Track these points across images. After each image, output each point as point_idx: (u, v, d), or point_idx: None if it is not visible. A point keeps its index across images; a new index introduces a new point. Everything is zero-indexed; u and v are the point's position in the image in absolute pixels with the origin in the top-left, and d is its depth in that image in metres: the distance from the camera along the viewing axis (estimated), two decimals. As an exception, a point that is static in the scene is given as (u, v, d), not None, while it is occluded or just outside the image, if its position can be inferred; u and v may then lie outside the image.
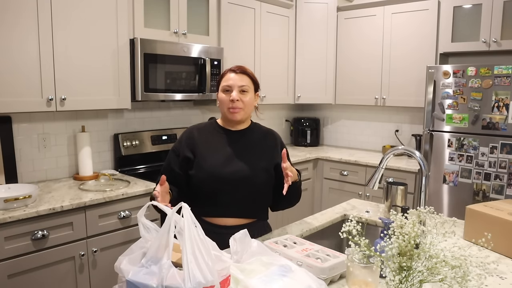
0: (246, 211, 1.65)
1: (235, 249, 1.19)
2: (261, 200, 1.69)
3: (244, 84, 1.62)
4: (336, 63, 3.93)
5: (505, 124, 2.73)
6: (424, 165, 1.52)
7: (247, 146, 1.67)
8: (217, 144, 1.66)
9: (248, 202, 1.64)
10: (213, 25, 3.13)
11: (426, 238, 1.03)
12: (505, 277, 1.29)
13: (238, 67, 1.65)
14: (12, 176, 2.36)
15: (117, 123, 2.91)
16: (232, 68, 1.66)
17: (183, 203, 1.01)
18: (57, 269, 2.05)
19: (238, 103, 1.60)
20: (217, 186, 1.60)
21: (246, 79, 1.63)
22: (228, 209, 1.62)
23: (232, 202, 1.62)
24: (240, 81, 1.61)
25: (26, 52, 2.12)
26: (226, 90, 1.62)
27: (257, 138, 1.72)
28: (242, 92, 1.61)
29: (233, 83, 1.61)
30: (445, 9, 3.20)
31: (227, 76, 1.64)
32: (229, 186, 1.60)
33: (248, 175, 1.61)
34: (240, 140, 1.68)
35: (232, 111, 1.61)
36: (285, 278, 1.11)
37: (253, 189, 1.63)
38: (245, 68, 1.67)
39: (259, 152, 1.68)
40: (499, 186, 2.76)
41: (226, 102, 1.61)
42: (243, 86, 1.61)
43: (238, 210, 1.63)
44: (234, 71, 1.64)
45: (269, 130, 1.81)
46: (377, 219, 1.86)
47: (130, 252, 1.05)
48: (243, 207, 1.64)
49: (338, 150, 4.05)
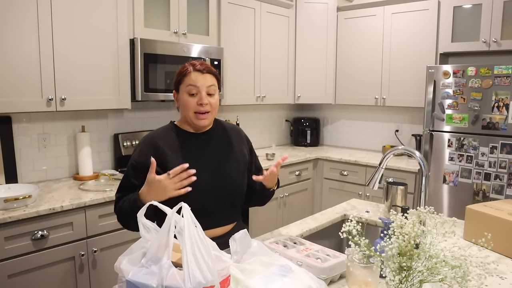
0: (229, 217, 1.56)
1: (235, 249, 1.19)
2: (239, 203, 1.60)
3: (212, 83, 1.46)
4: (336, 63, 3.93)
5: (505, 124, 2.73)
6: (424, 165, 1.51)
7: (218, 150, 1.55)
8: (185, 151, 1.49)
9: (229, 209, 1.55)
10: (213, 25, 3.12)
11: (426, 238, 1.03)
12: (505, 277, 1.29)
13: (202, 65, 1.47)
14: (12, 176, 2.36)
15: (117, 123, 2.91)
16: (195, 65, 1.47)
17: (183, 203, 1.01)
18: (57, 269, 2.05)
19: (207, 107, 1.45)
20: (198, 199, 1.43)
21: (212, 79, 1.47)
22: (214, 220, 1.51)
23: (216, 211, 1.50)
24: (207, 82, 1.45)
25: (26, 52, 2.12)
26: (192, 93, 1.44)
27: (224, 137, 1.59)
28: (210, 94, 1.46)
29: (201, 84, 1.44)
30: (445, 9, 3.20)
31: (192, 76, 1.44)
32: (210, 196, 1.47)
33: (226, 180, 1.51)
34: (208, 143, 1.54)
35: (201, 116, 1.46)
36: (285, 278, 1.11)
37: (233, 194, 1.54)
38: (210, 66, 1.50)
39: (230, 152, 1.57)
40: (499, 186, 2.76)
41: (192, 106, 1.44)
42: (210, 86, 1.46)
43: (223, 218, 1.54)
44: (200, 70, 1.45)
45: (233, 126, 1.68)
46: (377, 219, 1.86)
47: (130, 252, 1.05)
48: (227, 214, 1.54)
49: (338, 150, 4.05)
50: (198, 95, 1.44)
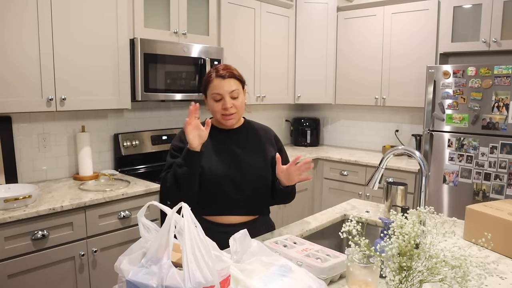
0: (248, 208, 1.67)
1: (235, 249, 1.19)
2: (262, 196, 1.71)
3: (234, 88, 1.58)
4: (336, 63, 3.93)
5: (505, 124, 2.73)
6: (424, 165, 1.51)
7: (244, 144, 1.68)
8: (215, 143, 1.66)
9: (250, 200, 1.65)
10: (213, 25, 3.13)
11: (426, 238, 1.03)
12: (505, 277, 1.29)
13: (225, 69, 1.59)
14: (12, 176, 2.36)
15: (117, 123, 2.91)
16: (218, 71, 1.59)
17: (183, 203, 1.01)
18: (57, 269, 2.05)
19: (231, 109, 1.58)
20: (219, 186, 1.60)
21: (235, 83, 1.59)
22: (232, 208, 1.64)
23: (235, 200, 1.63)
24: (230, 87, 1.57)
25: (26, 52, 2.12)
26: (217, 100, 1.58)
27: (251, 135, 1.73)
28: (233, 98, 1.58)
29: (223, 91, 1.56)
30: (445, 9, 3.20)
31: (215, 82, 1.57)
32: (231, 185, 1.61)
33: (251, 175, 1.63)
34: (237, 138, 1.69)
35: (227, 118, 1.60)
36: (285, 278, 1.11)
37: (254, 187, 1.65)
38: (232, 69, 1.61)
39: (256, 149, 1.69)
40: (499, 186, 2.76)
41: (218, 110, 1.59)
42: (233, 91, 1.57)
43: (241, 208, 1.65)
44: (222, 76, 1.57)
45: (262, 126, 1.81)
46: (377, 219, 1.86)
47: (130, 252, 1.05)
48: (245, 205, 1.65)
49: (338, 150, 4.05)
50: (222, 101, 1.57)
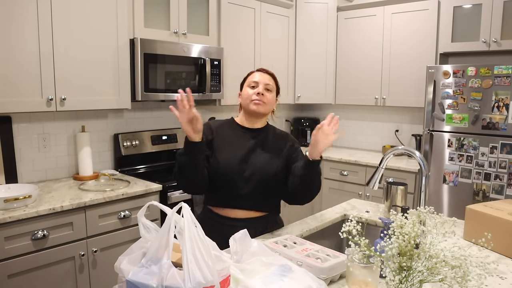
0: (256, 204, 1.71)
1: (235, 249, 1.19)
2: (270, 194, 1.74)
3: (270, 83, 1.75)
4: (336, 63, 3.93)
5: (505, 124, 2.73)
6: (424, 165, 1.51)
7: (262, 144, 1.75)
8: (233, 139, 1.74)
9: (257, 196, 1.69)
10: (213, 25, 3.12)
11: (426, 238, 1.03)
12: (505, 277, 1.29)
13: (265, 69, 1.80)
14: (12, 176, 2.36)
15: (117, 123, 2.91)
16: (259, 68, 1.81)
17: (183, 203, 1.01)
18: (57, 269, 2.05)
19: (262, 97, 1.70)
20: (226, 178, 1.67)
21: (271, 81, 1.77)
22: (240, 201, 1.69)
23: (243, 195, 1.67)
24: (267, 80, 1.74)
25: (26, 52, 2.12)
26: (252, 86, 1.73)
27: (271, 138, 1.79)
28: (267, 90, 1.73)
29: (260, 80, 1.73)
30: (445, 9, 3.20)
31: (254, 74, 1.77)
32: (241, 179, 1.67)
33: (259, 170, 1.68)
34: (256, 137, 1.76)
35: (256, 102, 1.70)
36: (285, 278, 1.11)
37: (263, 184, 1.68)
38: (272, 72, 1.81)
39: (272, 151, 1.75)
40: (499, 186, 2.76)
41: (250, 95, 1.71)
42: (268, 84, 1.74)
43: (248, 203, 1.69)
44: (261, 70, 1.78)
45: (283, 132, 1.88)
46: (377, 219, 1.86)
47: (130, 252, 1.05)
48: (253, 201, 1.69)
49: (338, 150, 4.04)
50: (257, 88, 1.72)
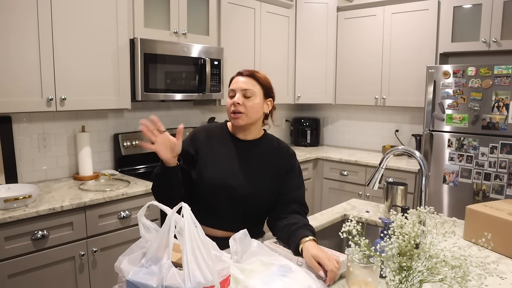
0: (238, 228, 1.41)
1: (235, 249, 1.19)
2: (255, 218, 1.61)
3: (248, 88, 1.52)
4: (336, 63, 3.93)
5: (505, 124, 2.73)
6: (424, 165, 1.51)
7: (254, 161, 1.57)
8: (222, 152, 1.57)
9: (241, 220, 1.54)
10: (213, 25, 3.12)
11: (426, 238, 1.03)
12: (505, 277, 1.29)
13: (247, 70, 1.57)
14: (12, 176, 2.36)
15: (117, 123, 2.91)
16: (241, 71, 1.58)
17: (183, 203, 1.01)
18: (57, 269, 2.05)
19: (239, 107, 1.50)
20: (214, 197, 1.53)
21: (252, 83, 1.54)
22: (220, 224, 1.55)
23: (226, 216, 1.55)
24: (244, 85, 1.52)
25: (26, 52, 2.12)
26: (231, 96, 1.54)
27: (266, 153, 1.60)
28: (246, 96, 1.52)
29: (236, 87, 1.53)
30: (445, 9, 3.20)
31: (234, 79, 1.57)
32: (226, 200, 1.53)
33: (247, 192, 1.52)
34: (246, 152, 1.58)
35: (234, 116, 1.52)
36: (285, 278, 1.11)
37: (249, 208, 1.55)
38: (255, 72, 1.57)
39: (265, 170, 1.57)
40: (499, 186, 2.76)
41: (228, 107, 1.54)
42: (246, 90, 1.52)
43: (229, 226, 1.53)
44: (241, 73, 1.57)
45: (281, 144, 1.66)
46: (377, 219, 1.86)
47: (130, 252, 1.05)
48: (236, 224, 1.49)
49: (338, 150, 4.05)
50: (234, 97, 1.53)
